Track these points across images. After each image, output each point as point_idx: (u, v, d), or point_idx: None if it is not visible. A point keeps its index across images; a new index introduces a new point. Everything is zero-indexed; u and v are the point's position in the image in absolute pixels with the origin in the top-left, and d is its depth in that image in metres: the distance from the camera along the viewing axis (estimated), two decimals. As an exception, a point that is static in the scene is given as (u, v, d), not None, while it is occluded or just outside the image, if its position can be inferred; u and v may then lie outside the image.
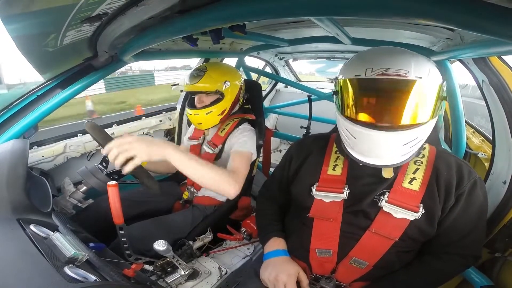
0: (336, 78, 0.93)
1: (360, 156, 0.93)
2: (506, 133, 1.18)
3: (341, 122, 0.92)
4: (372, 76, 0.82)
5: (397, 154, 0.89)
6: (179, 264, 1.10)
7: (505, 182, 1.20)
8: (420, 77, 0.80)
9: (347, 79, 0.88)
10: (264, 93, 3.34)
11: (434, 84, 0.83)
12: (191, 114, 1.58)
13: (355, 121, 0.87)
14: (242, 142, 1.48)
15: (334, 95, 0.94)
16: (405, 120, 0.83)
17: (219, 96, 1.54)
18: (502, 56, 1.14)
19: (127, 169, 0.99)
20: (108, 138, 1.19)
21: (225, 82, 1.52)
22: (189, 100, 1.67)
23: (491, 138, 1.31)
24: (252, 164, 1.57)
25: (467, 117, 1.49)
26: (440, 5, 0.48)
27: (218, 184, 1.19)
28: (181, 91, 2.32)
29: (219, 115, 1.56)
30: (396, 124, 0.83)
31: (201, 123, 1.59)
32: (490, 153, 1.35)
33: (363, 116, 0.86)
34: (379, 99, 0.84)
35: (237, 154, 1.43)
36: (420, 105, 0.83)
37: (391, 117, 0.83)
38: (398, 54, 0.85)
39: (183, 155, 1.09)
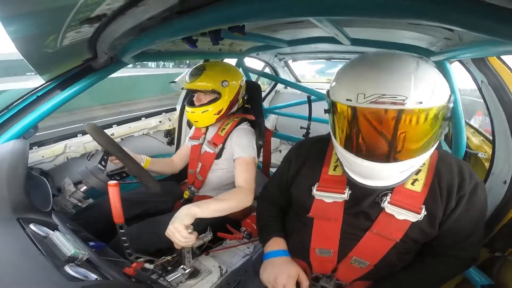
0: (328, 93, 0.88)
1: (355, 176, 0.90)
2: (506, 133, 1.18)
3: (335, 143, 0.89)
4: (364, 105, 0.74)
5: (392, 179, 0.87)
6: (187, 257, 1.12)
7: (505, 182, 1.21)
8: (421, 102, 0.71)
9: (337, 103, 0.81)
10: (263, 94, 3.34)
11: (438, 107, 0.74)
12: (188, 112, 1.60)
13: (347, 149, 0.84)
14: (243, 147, 1.50)
15: (327, 113, 0.90)
16: (401, 155, 0.77)
17: (217, 96, 1.54)
18: (501, 57, 1.14)
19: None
20: (108, 139, 1.19)
21: (223, 82, 1.52)
22: (189, 98, 1.69)
23: (491, 138, 1.32)
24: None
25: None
26: (439, 5, 0.49)
27: (237, 207, 1.33)
28: (182, 88, 2.32)
29: (215, 114, 1.56)
30: (390, 159, 0.78)
31: (197, 121, 1.60)
32: (490, 153, 1.35)
33: (354, 148, 0.81)
34: (372, 132, 0.77)
35: (240, 163, 1.48)
36: (420, 137, 0.76)
37: (385, 152, 0.78)
38: (396, 70, 0.75)
39: (204, 208, 1.19)
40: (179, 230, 1.07)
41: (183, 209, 1.14)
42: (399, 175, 0.85)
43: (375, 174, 0.85)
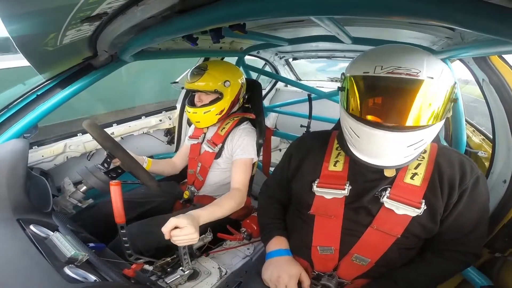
0: (343, 74, 0.92)
1: (362, 155, 0.91)
2: (507, 132, 1.18)
3: (345, 119, 0.90)
4: (382, 74, 0.79)
5: (400, 156, 0.87)
6: (185, 259, 1.11)
7: (505, 181, 1.20)
8: (432, 78, 0.77)
9: (355, 76, 0.85)
10: (264, 92, 3.33)
11: (446, 86, 0.80)
12: (189, 112, 1.58)
13: (360, 119, 0.85)
14: (243, 148, 1.50)
15: (339, 91, 0.92)
16: (412, 121, 0.80)
17: (218, 96, 1.53)
18: (503, 55, 1.14)
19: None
20: (107, 137, 1.19)
21: (225, 82, 1.51)
22: (190, 97, 1.67)
23: (491, 137, 1.31)
24: (252, 164, 1.57)
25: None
26: (441, 4, 0.48)
27: (233, 210, 1.37)
28: (182, 88, 2.32)
29: (217, 114, 1.56)
30: (402, 124, 0.81)
31: (199, 122, 1.59)
32: (490, 152, 1.34)
33: (369, 115, 0.84)
34: (387, 98, 0.82)
35: (240, 164, 1.50)
36: (429, 107, 0.80)
37: (397, 117, 0.81)
38: (410, 52, 0.82)
39: (206, 213, 1.23)
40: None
41: (194, 217, 1.13)
42: (405, 151, 0.85)
43: (382, 148, 0.86)
